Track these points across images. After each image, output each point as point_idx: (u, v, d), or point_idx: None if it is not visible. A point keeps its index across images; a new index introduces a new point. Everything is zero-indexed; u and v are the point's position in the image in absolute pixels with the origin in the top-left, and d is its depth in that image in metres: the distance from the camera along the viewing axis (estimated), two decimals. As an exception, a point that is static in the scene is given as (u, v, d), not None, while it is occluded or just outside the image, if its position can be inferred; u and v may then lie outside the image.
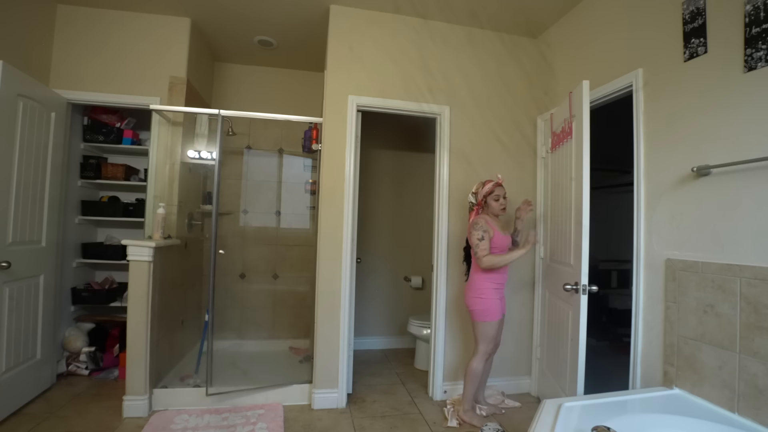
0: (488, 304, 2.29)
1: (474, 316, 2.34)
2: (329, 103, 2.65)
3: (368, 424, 2.37)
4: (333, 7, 2.67)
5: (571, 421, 1.42)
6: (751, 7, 1.53)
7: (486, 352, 2.34)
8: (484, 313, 2.30)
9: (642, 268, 2.01)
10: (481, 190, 2.37)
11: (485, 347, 2.34)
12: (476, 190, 2.40)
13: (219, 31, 3.09)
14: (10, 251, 2.23)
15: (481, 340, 2.34)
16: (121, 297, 3.04)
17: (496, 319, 2.32)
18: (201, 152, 3.10)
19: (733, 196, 1.59)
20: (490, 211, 2.37)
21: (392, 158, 3.97)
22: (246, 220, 3.63)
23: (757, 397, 1.44)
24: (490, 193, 2.34)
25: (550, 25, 2.83)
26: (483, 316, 2.30)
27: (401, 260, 3.95)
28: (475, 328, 2.36)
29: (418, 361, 3.36)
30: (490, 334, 2.32)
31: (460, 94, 2.84)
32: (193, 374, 2.73)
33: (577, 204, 2.04)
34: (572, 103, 2.16)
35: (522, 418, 2.46)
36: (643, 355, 1.98)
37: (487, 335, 2.32)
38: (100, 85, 2.74)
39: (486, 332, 2.32)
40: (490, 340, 2.33)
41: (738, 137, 1.59)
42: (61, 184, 2.71)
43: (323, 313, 2.60)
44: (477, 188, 2.40)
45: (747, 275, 1.50)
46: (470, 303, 2.35)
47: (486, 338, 2.33)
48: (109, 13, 2.77)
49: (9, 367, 2.24)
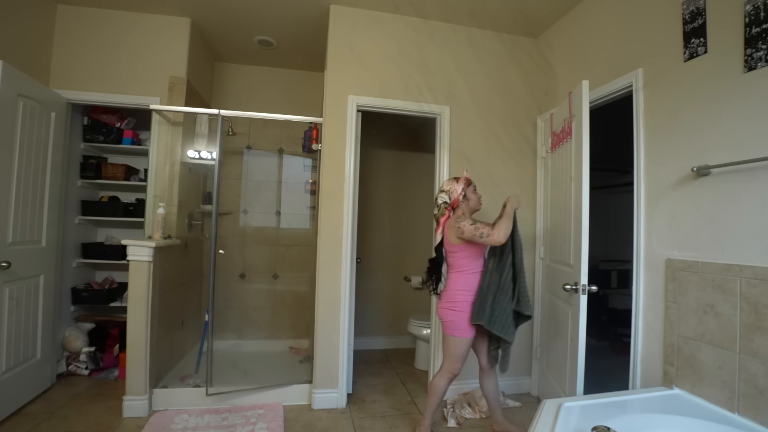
0: (461, 318, 2.03)
1: (444, 328, 2.10)
2: (329, 103, 2.65)
3: (368, 424, 2.37)
4: (333, 7, 2.67)
5: (571, 421, 1.42)
6: (751, 7, 1.53)
7: (452, 370, 2.07)
8: (456, 326, 2.04)
9: (642, 268, 2.01)
10: (455, 186, 2.10)
11: (452, 366, 2.07)
12: (448, 188, 2.12)
13: (219, 31, 3.09)
14: (10, 251, 2.23)
15: (447, 357, 2.08)
16: (121, 297, 3.04)
17: (469, 336, 2.05)
18: (201, 152, 3.10)
19: (733, 196, 1.59)
20: (469, 207, 2.12)
21: (392, 158, 3.97)
22: (246, 220, 3.63)
23: (757, 397, 1.44)
24: (469, 185, 2.12)
25: (551, 25, 2.83)
26: (453, 330, 2.05)
27: (401, 260, 3.95)
28: (444, 343, 2.11)
29: (418, 361, 3.37)
30: (458, 353, 2.05)
31: (460, 94, 2.84)
32: (193, 374, 2.73)
33: (577, 204, 2.04)
34: (572, 103, 2.16)
35: (522, 418, 2.46)
36: (643, 355, 1.98)
37: (455, 353, 2.05)
38: (100, 85, 2.74)
39: (453, 349, 2.05)
40: (458, 359, 2.06)
41: (738, 137, 1.59)
42: (61, 184, 2.71)
43: (323, 313, 2.60)
44: (449, 186, 2.13)
45: (747, 275, 1.50)
46: (442, 314, 2.10)
47: (452, 356, 2.06)
48: (109, 13, 2.77)
49: (9, 367, 2.24)
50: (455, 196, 2.10)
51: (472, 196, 2.13)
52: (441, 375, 2.11)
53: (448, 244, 2.09)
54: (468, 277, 2.08)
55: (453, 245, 2.07)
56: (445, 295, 2.13)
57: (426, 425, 2.16)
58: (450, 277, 2.14)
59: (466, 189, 2.11)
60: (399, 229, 3.96)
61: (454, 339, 2.05)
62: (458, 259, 2.09)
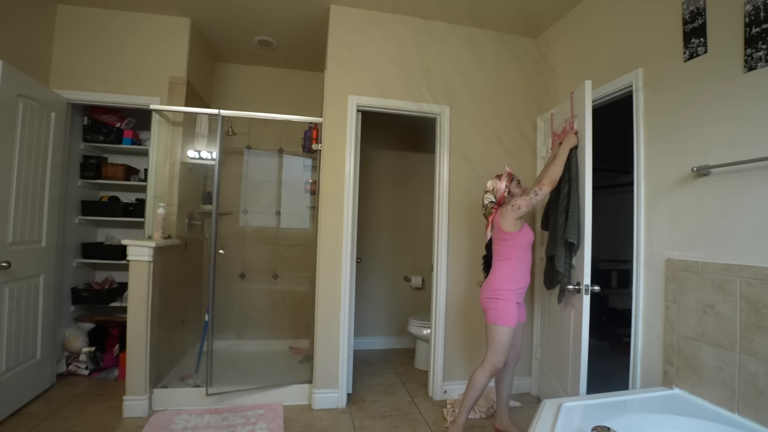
0: (504, 306, 2.02)
1: (487, 317, 2.07)
2: (329, 103, 2.65)
3: (368, 424, 2.37)
4: (333, 7, 2.67)
5: (571, 421, 1.42)
6: (751, 7, 1.53)
7: (494, 363, 2.02)
8: (499, 314, 2.01)
9: (642, 268, 2.01)
10: (498, 185, 2.16)
11: (494, 357, 2.02)
12: (492, 188, 2.18)
13: (219, 31, 3.09)
14: (10, 251, 2.23)
15: (491, 348, 2.04)
16: (121, 297, 3.04)
17: (512, 324, 2.01)
18: (201, 152, 3.10)
19: (733, 196, 1.59)
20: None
21: (392, 158, 3.97)
22: (246, 220, 3.63)
23: (757, 397, 1.44)
24: (512, 180, 2.16)
25: (551, 25, 2.83)
26: (496, 318, 2.01)
27: (401, 260, 3.95)
28: (488, 333, 2.07)
29: (418, 361, 3.36)
30: (503, 343, 2.01)
31: (460, 94, 2.84)
32: (193, 374, 2.73)
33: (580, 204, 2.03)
34: (574, 103, 2.16)
35: (522, 418, 2.46)
36: (643, 355, 1.98)
37: (499, 343, 2.01)
38: (100, 85, 2.74)
39: (498, 339, 2.01)
40: (502, 349, 2.01)
41: (738, 137, 1.59)
42: (61, 184, 2.71)
43: (323, 313, 2.60)
44: (492, 185, 2.19)
45: (747, 275, 1.50)
46: (485, 303, 2.09)
47: (497, 347, 2.01)
48: (109, 13, 2.77)
49: (9, 367, 2.24)
50: (500, 194, 2.16)
51: (517, 190, 2.16)
52: (482, 368, 2.06)
53: (501, 232, 2.11)
54: (516, 265, 2.08)
55: (506, 233, 2.08)
56: (489, 282, 2.13)
57: (460, 423, 2.11)
58: (496, 266, 2.14)
59: (509, 185, 2.15)
60: (399, 229, 3.96)
61: (497, 328, 2.02)
62: (508, 248, 2.09)
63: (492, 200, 2.20)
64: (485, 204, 2.23)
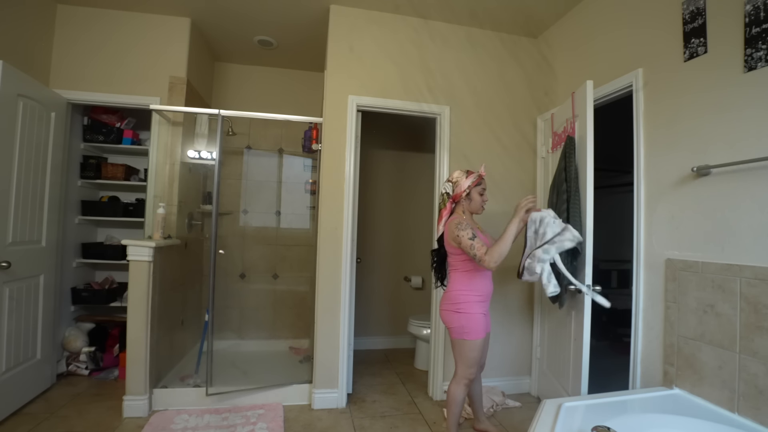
0: (469, 319, 1.92)
1: (451, 333, 1.99)
2: (329, 103, 2.65)
3: (368, 424, 2.37)
4: (333, 6, 2.67)
5: (571, 421, 1.42)
6: (751, 7, 1.53)
7: (466, 376, 1.97)
8: (465, 330, 1.93)
9: (642, 268, 2.01)
10: (463, 180, 1.99)
11: (465, 371, 1.96)
12: (456, 179, 2.02)
13: (219, 31, 3.09)
14: (10, 251, 2.23)
15: (461, 363, 1.97)
16: (121, 297, 3.04)
17: (479, 337, 1.94)
18: (201, 152, 3.10)
19: (733, 196, 1.59)
20: (469, 207, 2.02)
21: (392, 158, 3.97)
22: (246, 220, 3.63)
23: (757, 397, 1.44)
24: (477, 185, 1.99)
25: (551, 25, 2.83)
26: (463, 334, 1.93)
27: (401, 260, 3.95)
28: (454, 348, 1.99)
29: (418, 361, 3.37)
30: (472, 357, 1.94)
31: (460, 94, 2.84)
32: (193, 374, 2.73)
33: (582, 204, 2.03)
34: (575, 103, 2.16)
35: (522, 418, 2.46)
36: (643, 355, 1.98)
37: (468, 357, 1.94)
38: (100, 85, 2.74)
39: (466, 353, 1.94)
40: (473, 363, 1.95)
41: (738, 137, 1.59)
42: (61, 184, 2.71)
43: (323, 313, 2.60)
44: (457, 177, 2.02)
45: (747, 275, 1.50)
46: (447, 318, 1.99)
47: (466, 360, 1.95)
48: (109, 13, 2.77)
49: (9, 367, 2.24)
50: (459, 190, 1.99)
51: (477, 197, 2.00)
52: (456, 382, 1.99)
53: (448, 244, 2.00)
54: (472, 275, 1.97)
55: (452, 247, 1.97)
56: (447, 296, 2.01)
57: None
58: (452, 277, 2.03)
59: (473, 187, 1.99)
60: (399, 229, 3.96)
61: (465, 343, 1.94)
62: (459, 261, 1.99)
63: (449, 192, 2.03)
64: (441, 193, 2.08)
